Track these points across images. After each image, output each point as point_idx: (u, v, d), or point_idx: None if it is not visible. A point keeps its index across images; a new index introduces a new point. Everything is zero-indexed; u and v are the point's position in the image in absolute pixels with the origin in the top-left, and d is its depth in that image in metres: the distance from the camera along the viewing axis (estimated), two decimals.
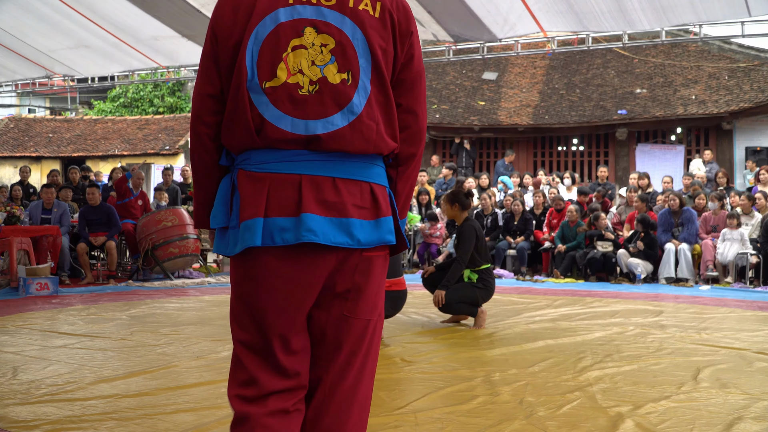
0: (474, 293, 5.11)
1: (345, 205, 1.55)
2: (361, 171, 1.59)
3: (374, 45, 1.56)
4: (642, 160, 15.18)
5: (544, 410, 2.86)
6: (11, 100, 25.50)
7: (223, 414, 2.76)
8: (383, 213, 1.60)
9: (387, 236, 1.60)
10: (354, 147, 1.56)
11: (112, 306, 6.18)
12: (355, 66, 1.55)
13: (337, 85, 1.55)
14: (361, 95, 1.56)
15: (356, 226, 1.55)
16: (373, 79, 1.57)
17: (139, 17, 10.74)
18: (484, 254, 5.26)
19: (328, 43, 1.55)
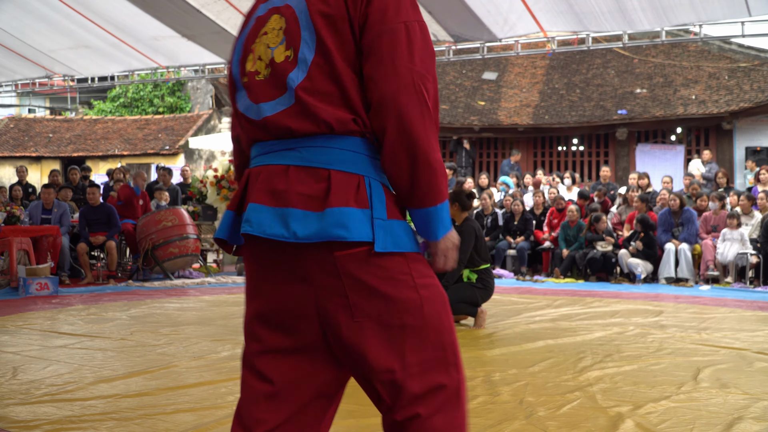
0: (474, 293, 5.12)
1: (289, 194, 1.40)
2: (318, 156, 1.41)
3: (313, 13, 1.42)
4: (642, 160, 15.17)
5: (544, 410, 2.86)
6: (11, 100, 25.50)
7: (223, 414, 2.76)
8: (334, 203, 1.37)
9: (333, 230, 1.35)
10: (300, 127, 1.42)
11: (112, 306, 6.18)
12: (297, 41, 1.44)
13: (280, 63, 1.45)
14: (301, 70, 1.42)
15: (295, 217, 1.38)
16: (316, 51, 1.41)
17: (139, 17, 10.73)
18: (484, 254, 5.26)
19: (282, 24, 1.48)
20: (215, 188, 11.18)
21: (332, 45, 1.41)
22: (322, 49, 1.41)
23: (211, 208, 11.04)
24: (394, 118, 1.36)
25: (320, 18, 1.42)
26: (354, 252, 1.38)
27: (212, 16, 10.71)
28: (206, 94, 23.74)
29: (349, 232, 1.36)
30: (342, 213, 1.36)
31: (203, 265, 9.70)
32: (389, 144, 1.38)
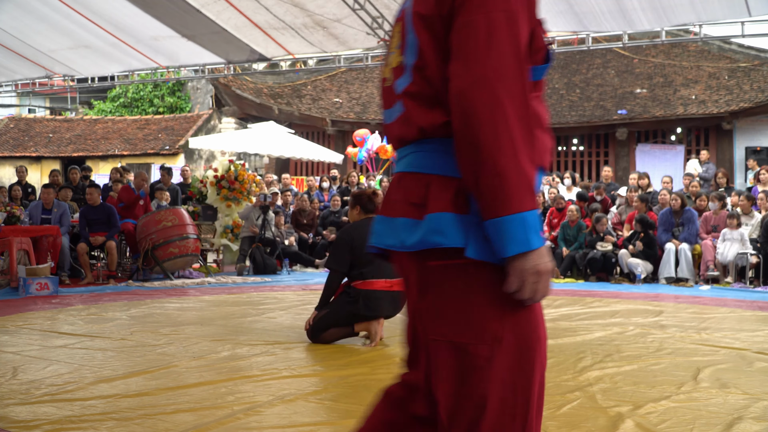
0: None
1: (399, 203, 1.39)
2: (420, 161, 1.38)
3: (414, 15, 1.38)
4: (642, 160, 15.18)
5: (544, 410, 2.86)
6: (11, 100, 25.51)
7: (223, 414, 2.76)
8: (433, 208, 1.32)
9: (431, 237, 1.31)
10: (406, 133, 1.40)
11: (112, 306, 6.18)
12: (404, 45, 1.42)
13: (395, 69, 1.45)
14: (406, 75, 1.40)
15: (403, 226, 1.36)
16: (417, 54, 1.37)
17: (139, 17, 10.74)
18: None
19: (400, 29, 1.46)
20: (215, 188, 11.19)
21: (428, 47, 1.36)
22: (420, 52, 1.37)
23: (211, 208, 11.04)
24: (459, 117, 1.27)
25: (418, 20, 1.38)
26: (449, 263, 1.33)
27: (212, 16, 10.71)
28: (206, 94, 23.74)
29: (446, 238, 1.30)
30: (439, 218, 1.31)
31: (203, 265, 9.70)
32: (455, 144, 1.30)
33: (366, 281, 4.33)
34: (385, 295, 4.35)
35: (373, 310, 4.34)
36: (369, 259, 4.28)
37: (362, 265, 4.34)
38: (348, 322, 4.42)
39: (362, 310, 4.32)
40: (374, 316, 4.37)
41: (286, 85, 18.19)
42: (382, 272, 4.35)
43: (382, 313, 4.39)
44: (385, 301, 4.35)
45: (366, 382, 3.35)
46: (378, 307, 4.33)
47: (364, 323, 4.41)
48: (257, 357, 3.93)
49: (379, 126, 15.55)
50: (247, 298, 6.93)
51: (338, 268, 4.39)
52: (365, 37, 11.20)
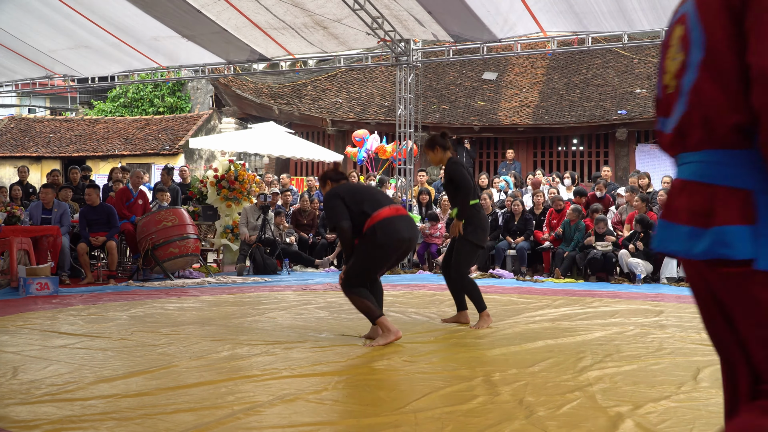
0: (464, 249, 5.08)
1: (682, 212, 1.40)
2: (706, 169, 1.37)
3: (699, 8, 1.36)
4: (642, 160, 15.18)
5: (544, 410, 2.86)
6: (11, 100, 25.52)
7: (223, 414, 2.77)
8: (719, 220, 1.32)
9: (718, 249, 1.32)
10: (690, 136, 1.39)
11: (112, 306, 6.18)
12: (687, 44, 1.39)
13: (677, 71, 1.42)
14: (691, 74, 1.37)
15: (686, 235, 1.38)
16: (704, 49, 1.34)
17: (139, 17, 10.75)
18: (473, 189, 5.11)
19: (681, 32, 1.43)
20: (215, 188, 11.19)
21: (716, 40, 1.32)
22: (708, 46, 1.34)
23: (211, 208, 11.05)
24: (763, 95, 1.23)
25: (704, 12, 1.35)
26: (738, 270, 1.32)
27: (212, 16, 10.72)
28: (206, 95, 23.75)
29: (734, 250, 1.30)
30: (726, 231, 1.31)
31: (203, 265, 9.70)
32: (760, 140, 1.26)
33: (372, 216, 4.38)
34: (397, 219, 4.41)
35: (391, 235, 4.35)
36: (363, 197, 4.44)
37: (361, 205, 4.42)
38: (375, 261, 4.45)
39: (382, 239, 4.33)
40: (396, 240, 4.37)
41: (286, 85, 18.20)
42: (381, 202, 4.46)
43: (401, 235, 4.39)
44: (400, 223, 4.41)
45: (366, 382, 3.35)
46: (395, 231, 4.37)
47: (382, 321, 4.43)
48: (257, 357, 3.93)
49: (378, 126, 15.56)
50: (247, 298, 6.93)
51: (340, 219, 4.40)
52: (365, 37, 11.21)
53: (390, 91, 16.95)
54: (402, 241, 4.41)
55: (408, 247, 4.53)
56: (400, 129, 11.94)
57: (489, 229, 5.23)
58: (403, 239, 4.41)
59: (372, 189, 4.89)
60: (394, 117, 13.09)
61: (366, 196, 4.51)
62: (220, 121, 20.96)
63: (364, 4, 10.15)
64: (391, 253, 4.45)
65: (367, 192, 4.63)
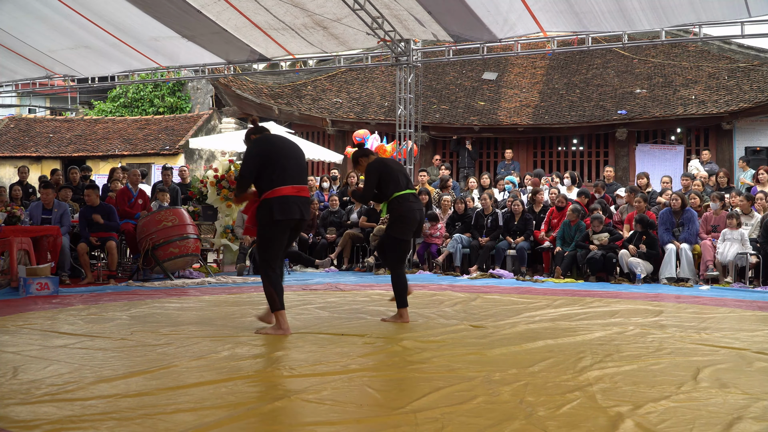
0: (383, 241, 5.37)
1: None
2: None
3: None
4: (642, 160, 15.18)
5: (544, 410, 2.86)
6: (11, 100, 25.52)
7: (223, 414, 2.77)
8: None
9: None
10: None
11: (112, 306, 6.18)
12: None
13: None
14: None
15: None
16: None
17: (139, 18, 10.75)
18: (393, 185, 5.28)
19: None
20: (215, 188, 11.19)
21: None
22: None
23: (212, 208, 11.05)
24: None
25: None
26: None
27: (212, 16, 10.72)
28: (206, 95, 23.74)
29: None
30: None
31: (203, 265, 9.70)
32: None
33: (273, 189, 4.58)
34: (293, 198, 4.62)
35: (286, 213, 4.58)
36: (276, 166, 4.64)
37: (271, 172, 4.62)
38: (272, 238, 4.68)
39: (279, 216, 4.55)
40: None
41: (286, 85, 18.19)
42: (289, 179, 4.63)
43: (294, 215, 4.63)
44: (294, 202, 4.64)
45: (366, 382, 3.35)
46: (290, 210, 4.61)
47: None
48: (257, 357, 3.93)
49: (378, 126, 15.55)
50: (247, 298, 6.93)
51: (248, 174, 4.66)
52: (365, 37, 11.20)
53: (390, 91, 16.94)
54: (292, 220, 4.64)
55: (297, 226, 4.76)
56: (400, 129, 11.94)
57: (414, 222, 5.32)
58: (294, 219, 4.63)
59: (292, 161, 4.82)
60: (394, 117, 13.09)
61: (281, 162, 4.68)
62: (220, 121, 20.95)
63: (364, 4, 10.15)
64: (284, 230, 4.67)
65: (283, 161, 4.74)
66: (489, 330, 4.99)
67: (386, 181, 5.24)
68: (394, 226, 5.27)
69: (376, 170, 5.27)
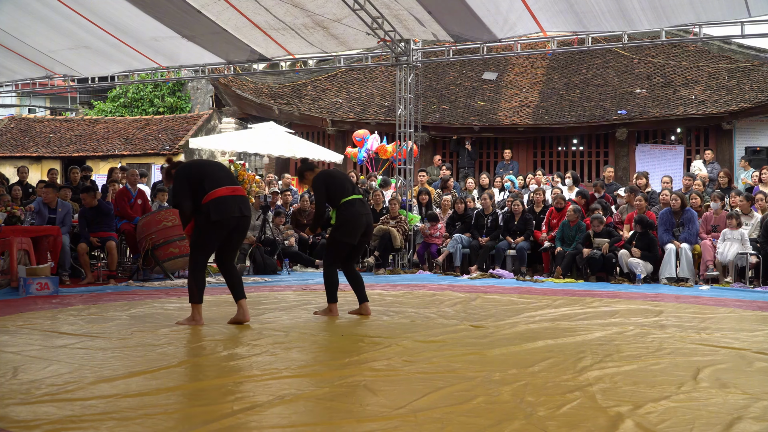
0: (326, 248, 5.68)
1: None
2: None
3: None
4: (642, 160, 15.18)
5: (544, 410, 2.86)
6: (11, 100, 25.52)
7: (223, 414, 2.76)
8: None
9: None
10: None
11: (112, 306, 6.18)
12: None
13: None
14: None
15: None
16: None
17: (139, 18, 10.74)
18: (340, 192, 5.47)
19: None
20: None
21: None
22: None
23: None
24: None
25: None
26: None
27: (212, 16, 10.71)
28: (206, 94, 23.75)
29: None
30: None
31: None
32: None
33: (208, 194, 4.82)
34: (231, 198, 4.87)
35: (223, 213, 4.81)
36: (204, 175, 4.88)
37: (201, 182, 4.87)
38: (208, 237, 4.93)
39: (215, 217, 4.77)
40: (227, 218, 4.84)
41: (286, 85, 18.19)
42: (220, 181, 4.89)
43: (233, 213, 4.85)
44: (233, 202, 4.88)
45: (366, 382, 3.35)
46: (227, 209, 4.83)
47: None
48: (257, 357, 3.93)
49: (378, 126, 15.55)
50: (247, 298, 6.92)
51: (182, 199, 4.89)
52: (365, 37, 11.20)
53: (390, 91, 16.94)
54: (232, 219, 4.86)
55: (239, 224, 4.95)
56: (400, 129, 11.94)
57: (361, 226, 5.50)
58: (234, 217, 4.85)
59: (216, 168, 5.13)
60: (394, 117, 13.09)
61: (208, 173, 4.91)
62: (220, 121, 20.95)
63: (364, 4, 10.15)
64: (223, 230, 4.87)
65: (210, 170, 5.00)
66: (489, 330, 4.99)
67: (333, 190, 5.47)
68: (340, 230, 5.48)
69: (322, 182, 5.49)
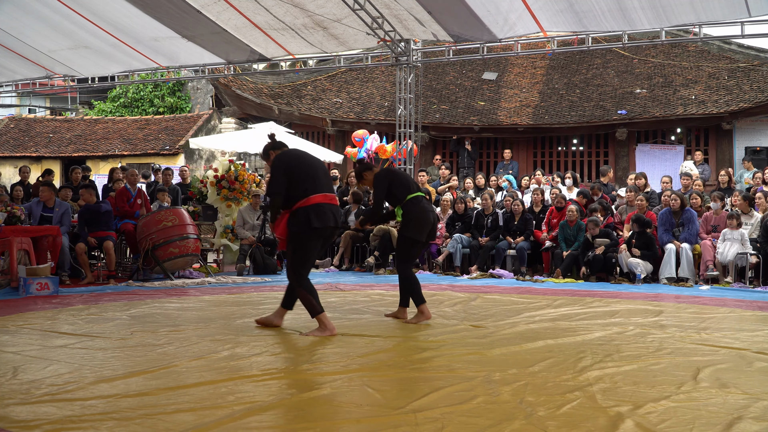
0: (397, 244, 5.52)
1: None
2: None
3: None
4: (642, 160, 15.18)
5: (544, 410, 2.86)
6: (11, 100, 25.52)
7: (223, 414, 2.77)
8: None
9: None
10: None
11: (112, 306, 6.18)
12: None
13: None
14: None
15: None
16: None
17: (139, 18, 10.76)
18: (405, 189, 5.35)
19: None
20: (215, 188, 11.18)
21: None
22: None
23: (212, 208, 11.04)
24: None
25: None
26: None
27: (212, 16, 10.72)
28: (206, 95, 23.75)
29: None
30: None
31: (203, 265, 9.70)
32: None
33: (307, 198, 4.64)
34: (327, 206, 4.71)
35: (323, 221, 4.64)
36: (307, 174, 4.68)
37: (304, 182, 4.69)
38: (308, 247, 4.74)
39: (316, 223, 4.61)
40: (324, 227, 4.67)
41: (286, 85, 18.19)
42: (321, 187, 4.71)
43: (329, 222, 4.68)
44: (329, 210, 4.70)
45: (366, 382, 3.35)
46: (326, 218, 4.65)
47: None
48: (257, 357, 3.93)
49: (378, 126, 15.55)
50: (247, 298, 6.93)
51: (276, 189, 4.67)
52: (365, 37, 11.21)
53: (390, 91, 16.94)
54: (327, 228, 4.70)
55: (332, 235, 4.85)
56: (400, 129, 11.94)
57: (428, 223, 5.36)
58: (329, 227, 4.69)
59: (320, 172, 4.87)
60: (394, 117, 13.09)
61: (312, 175, 4.71)
62: (220, 121, 20.96)
63: (364, 4, 10.15)
64: (321, 239, 4.73)
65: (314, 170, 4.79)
66: (489, 330, 4.99)
67: (397, 186, 5.32)
68: (409, 227, 5.31)
69: (385, 178, 5.34)
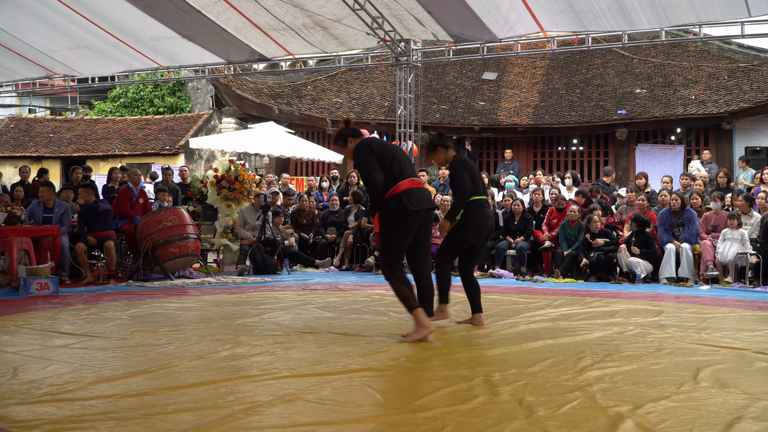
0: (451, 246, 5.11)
1: None
2: None
3: None
4: (642, 160, 15.19)
5: (544, 410, 2.86)
6: (11, 100, 25.53)
7: (223, 414, 2.77)
8: None
9: None
10: None
11: (112, 306, 6.18)
12: None
13: None
14: None
15: None
16: None
17: (139, 18, 10.76)
18: (474, 187, 4.99)
19: None
20: (215, 188, 11.19)
21: None
22: None
23: (212, 208, 11.04)
24: None
25: None
26: None
27: (212, 17, 10.72)
28: (206, 94, 23.76)
29: None
30: None
31: (203, 265, 9.70)
32: None
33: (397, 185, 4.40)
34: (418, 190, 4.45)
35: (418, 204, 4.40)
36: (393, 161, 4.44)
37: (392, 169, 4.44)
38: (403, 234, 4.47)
39: (410, 206, 4.35)
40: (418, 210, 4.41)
41: (286, 85, 18.19)
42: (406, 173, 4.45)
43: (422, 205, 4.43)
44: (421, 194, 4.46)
45: (366, 382, 3.35)
46: (418, 202, 4.40)
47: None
48: (257, 357, 3.93)
49: (378, 126, 15.55)
50: (247, 298, 6.93)
51: (372, 170, 4.40)
52: (365, 37, 11.21)
53: (390, 91, 16.94)
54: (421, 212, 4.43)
55: (428, 218, 4.57)
56: (400, 129, 11.94)
57: (487, 228, 5.10)
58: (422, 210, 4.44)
59: (404, 157, 4.60)
60: (394, 117, 13.09)
61: (398, 160, 4.46)
62: (220, 121, 20.96)
63: (364, 4, 10.15)
64: (416, 222, 4.44)
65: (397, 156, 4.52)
66: (489, 330, 4.99)
67: (470, 181, 4.97)
68: (465, 228, 5.05)
69: (465, 168, 4.99)
